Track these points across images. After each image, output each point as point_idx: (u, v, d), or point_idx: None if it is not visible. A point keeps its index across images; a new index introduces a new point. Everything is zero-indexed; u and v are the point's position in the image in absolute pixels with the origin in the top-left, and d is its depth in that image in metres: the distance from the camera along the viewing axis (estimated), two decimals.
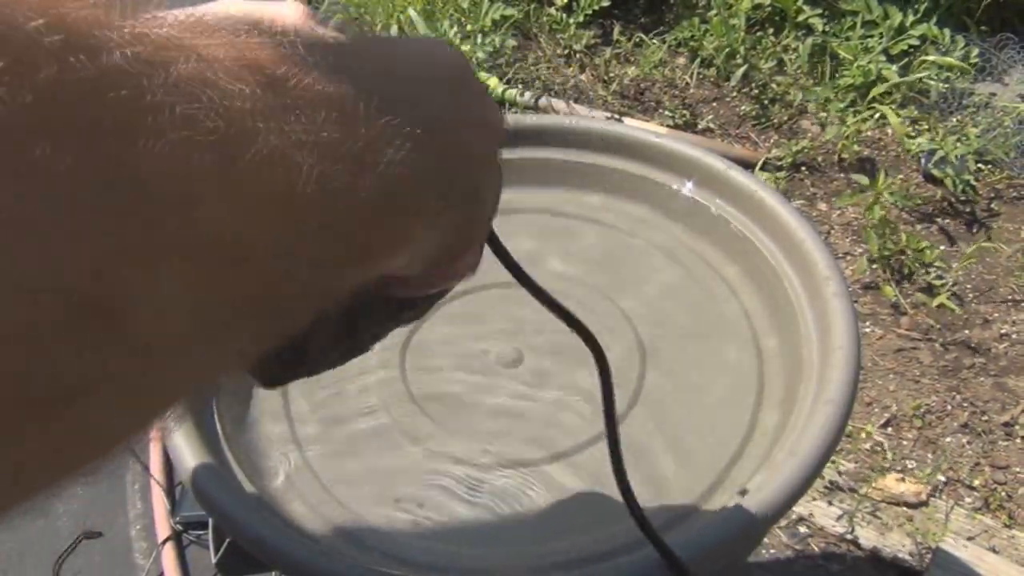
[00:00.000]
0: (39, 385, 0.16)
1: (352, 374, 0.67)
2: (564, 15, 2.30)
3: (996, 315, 1.61)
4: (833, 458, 1.34)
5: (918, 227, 1.80)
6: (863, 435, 1.43)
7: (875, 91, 1.96)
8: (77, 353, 0.17)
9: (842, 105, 1.99)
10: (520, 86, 2.14)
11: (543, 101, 2.08)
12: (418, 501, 0.59)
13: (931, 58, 1.99)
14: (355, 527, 0.58)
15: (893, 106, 2.00)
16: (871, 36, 2.08)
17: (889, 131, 1.98)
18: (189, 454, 0.56)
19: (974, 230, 1.79)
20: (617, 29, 2.29)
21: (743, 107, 2.09)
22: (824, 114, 2.02)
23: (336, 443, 0.63)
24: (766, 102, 2.09)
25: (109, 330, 0.17)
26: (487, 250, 0.36)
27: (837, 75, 2.06)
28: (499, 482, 0.59)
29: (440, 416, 0.63)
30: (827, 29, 2.13)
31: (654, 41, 2.24)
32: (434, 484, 0.60)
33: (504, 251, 0.37)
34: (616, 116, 2.02)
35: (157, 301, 0.18)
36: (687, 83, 2.17)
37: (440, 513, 0.58)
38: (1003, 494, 1.33)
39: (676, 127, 2.04)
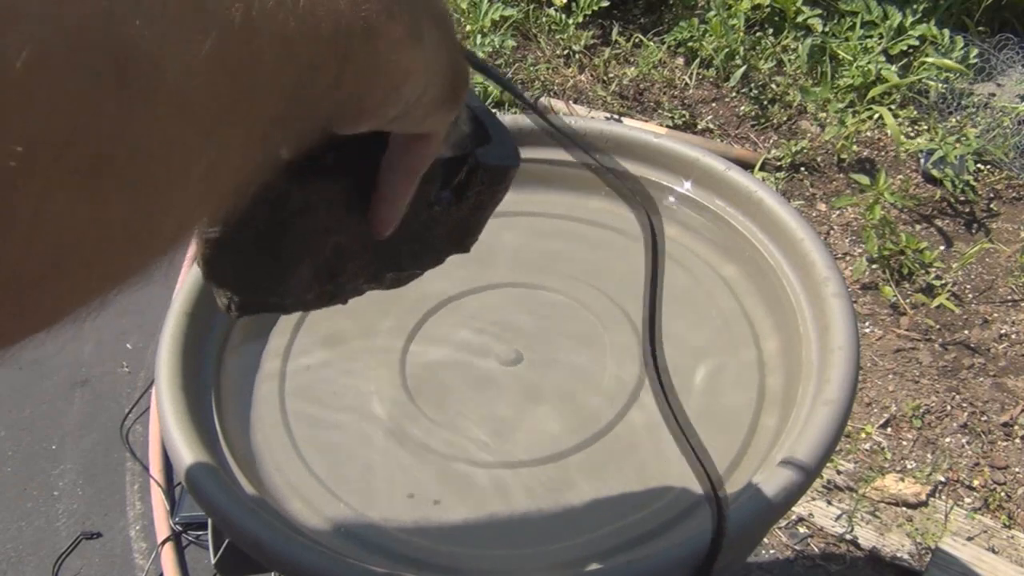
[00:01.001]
0: (82, 144, 0.16)
1: (351, 373, 0.67)
2: (563, 16, 2.30)
3: (995, 315, 1.61)
4: (832, 458, 1.34)
5: (917, 227, 1.80)
6: (862, 435, 1.43)
7: (874, 91, 1.96)
8: (112, 109, 0.17)
9: (841, 105, 1.99)
10: (520, 86, 2.14)
11: (543, 101, 2.08)
12: (418, 501, 0.59)
13: (930, 60, 1.99)
14: (355, 527, 0.58)
15: (893, 106, 2.00)
16: (870, 37, 2.09)
17: (888, 131, 1.99)
18: (188, 454, 0.56)
19: (973, 230, 1.79)
20: (616, 30, 2.29)
21: (742, 108, 2.09)
22: (823, 114, 2.02)
23: (336, 443, 0.63)
24: (765, 103, 2.09)
25: (141, 87, 0.17)
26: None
27: (836, 76, 2.06)
28: (500, 481, 0.59)
29: (440, 415, 0.63)
30: (826, 30, 2.13)
31: (653, 42, 2.24)
32: (434, 484, 0.60)
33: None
34: (615, 116, 2.02)
35: (179, 57, 0.18)
36: (686, 83, 2.17)
37: (440, 513, 0.58)
38: (1002, 494, 1.33)
39: (675, 127, 2.04)
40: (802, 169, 1.93)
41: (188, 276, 0.68)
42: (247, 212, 0.33)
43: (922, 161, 1.88)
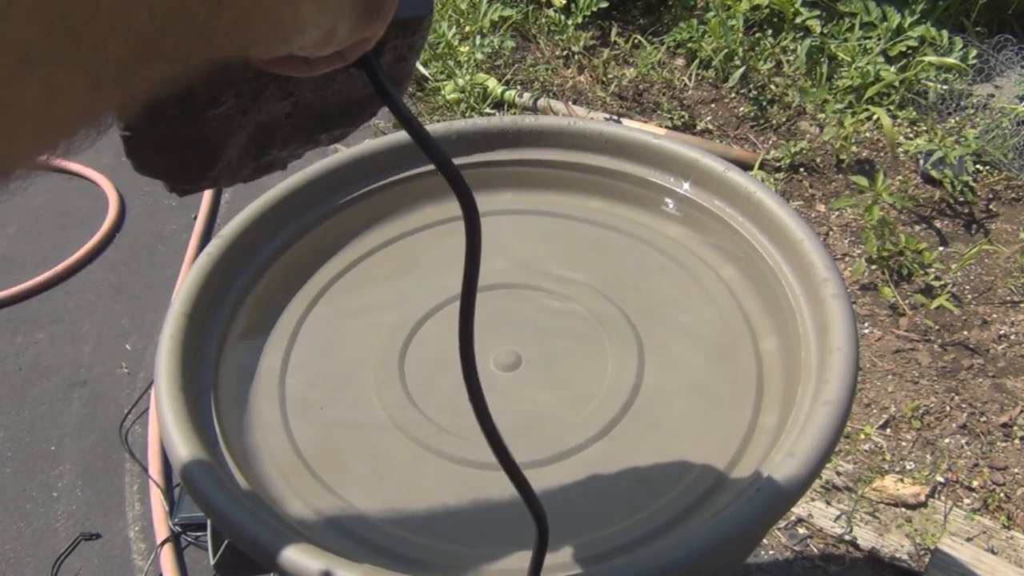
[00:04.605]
0: None
1: (350, 374, 0.67)
2: (562, 16, 2.30)
3: (995, 316, 1.62)
4: (832, 459, 1.34)
5: (916, 228, 1.80)
6: (861, 436, 1.43)
7: (870, 91, 1.96)
8: None
9: (840, 106, 1.99)
10: (519, 87, 2.15)
11: (542, 102, 2.08)
12: (417, 500, 0.59)
13: (930, 59, 1.99)
14: (354, 527, 0.58)
15: (891, 107, 2.00)
16: (869, 38, 2.09)
17: (886, 133, 1.99)
18: (187, 455, 0.56)
19: (972, 231, 1.79)
20: (615, 31, 2.29)
21: (741, 108, 2.10)
22: (822, 115, 2.02)
23: (334, 444, 0.63)
24: (764, 103, 2.09)
25: None
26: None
27: (835, 76, 2.06)
28: (499, 482, 0.59)
29: (439, 418, 0.63)
30: (825, 31, 2.13)
31: (652, 43, 2.24)
32: (433, 484, 0.60)
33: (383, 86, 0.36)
34: (615, 117, 2.02)
35: None
36: (685, 84, 2.17)
37: (439, 512, 0.58)
38: (1001, 495, 1.33)
39: (675, 128, 2.04)
40: (801, 170, 1.94)
41: (187, 278, 0.68)
42: (156, 110, 0.34)
43: (921, 162, 1.88)
